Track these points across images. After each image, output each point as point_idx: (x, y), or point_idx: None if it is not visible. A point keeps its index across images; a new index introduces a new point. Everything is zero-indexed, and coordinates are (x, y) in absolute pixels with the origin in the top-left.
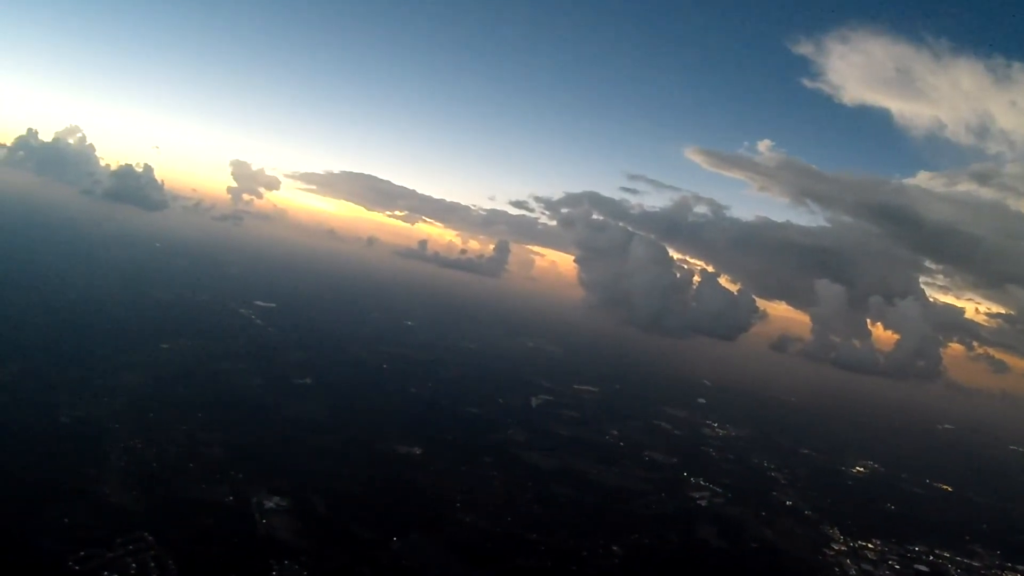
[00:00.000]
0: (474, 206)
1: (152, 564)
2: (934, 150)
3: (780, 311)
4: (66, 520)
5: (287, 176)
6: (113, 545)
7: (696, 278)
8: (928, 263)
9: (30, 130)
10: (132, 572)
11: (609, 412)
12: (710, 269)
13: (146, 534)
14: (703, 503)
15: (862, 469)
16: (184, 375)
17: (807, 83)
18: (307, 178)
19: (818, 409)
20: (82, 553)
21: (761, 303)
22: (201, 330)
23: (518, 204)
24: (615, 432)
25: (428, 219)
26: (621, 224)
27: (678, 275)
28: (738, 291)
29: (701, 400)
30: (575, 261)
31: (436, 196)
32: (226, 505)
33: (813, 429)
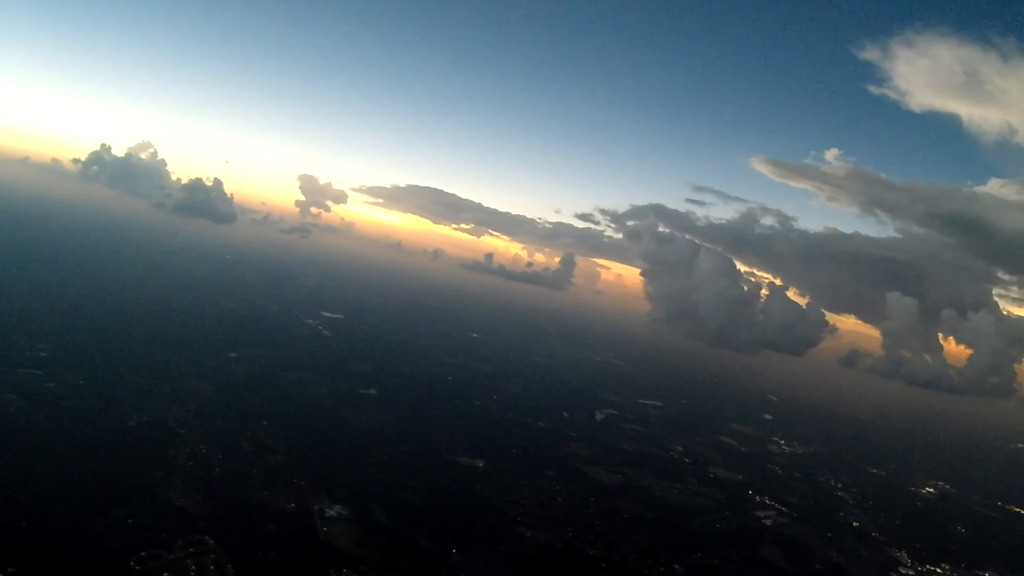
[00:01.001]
0: (540, 219)
1: (212, 567)
2: (1006, 156)
3: (850, 325)
4: (130, 521)
5: (354, 190)
6: (174, 547)
7: (764, 291)
8: (1002, 274)
9: (103, 145)
10: (192, 574)
11: (674, 427)
12: (778, 282)
13: (207, 537)
14: (768, 522)
15: (932, 490)
16: (251, 383)
17: (873, 89)
18: (374, 191)
19: (888, 426)
20: (143, 553)
21: (830, 317)
22: (269, 340)
23: (583, 217)
24: (680, 448)
25: (494, 232)
26: (687, 236)
27: (745, 288)
28: (807, 305)
29: (768, 416)
30: (641, 274)
31: (502, 209)
32: (287, 512)
33: (882, 447)
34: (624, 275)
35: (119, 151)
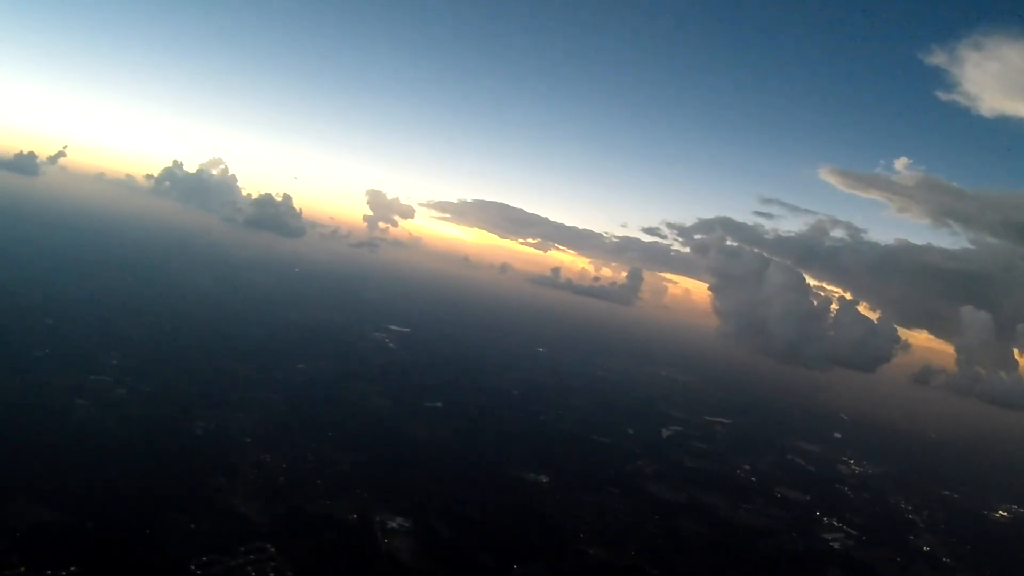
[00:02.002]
0: (606, 233)
1: (271, 575)
2: None
3: (922, 340)
4: (193, 526)
5: (421, 205)
6: (235, 553)
7: (834, 306)
8: None
9: (175, 162)
10: None
11: (741, 445)
12: (848, 296)
13: (268, 545)
14: (835, 545)
15: (1006, 513)
16: (317, 394)
17: (942, 95)
18: (441, 206)
19: (961, 446)
20: (204, 558)
21: (902, 332)
22: (336, 352)
23: (650, 231)
24: (746, 466)
25: (560, 246)
26: (756, 250)
27: (815, 303)
28: (878, 319)
29: (837, 435)
30: (709, 289)
31: (568, 223)
32: (349, 522)
33: (955, 468)
34: (691, 290)
35: (191, 167)
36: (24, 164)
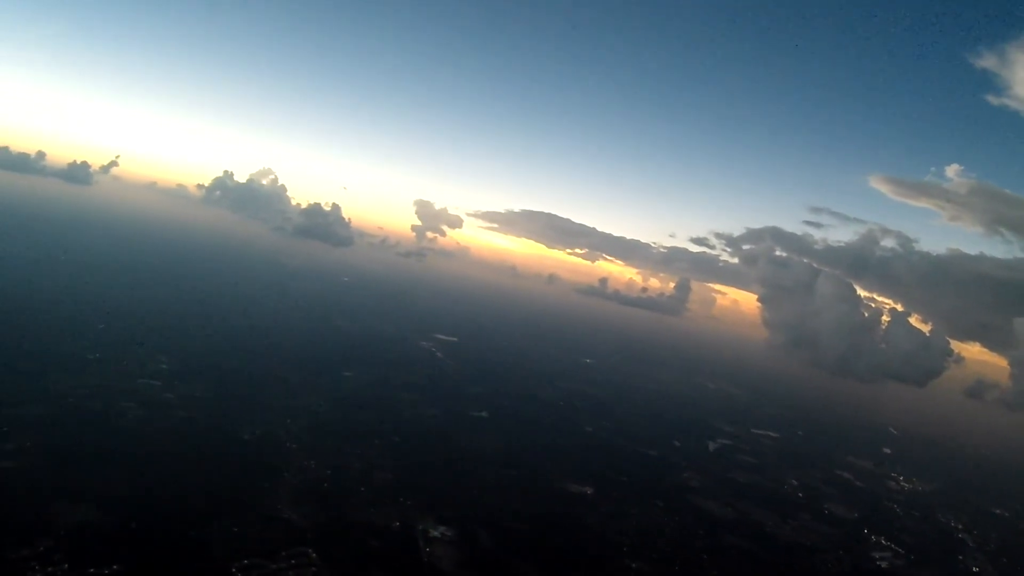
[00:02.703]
0: (654, 243)
1: None
2: None
3: (975, 353)
4: (236, 529)
5: (469, 215)
6: (277, 557)
7: (885, 318)
8: None
9: (226, 172)
10: None
11: (789, 459)
12: (899, 308)
13: (310, 550)
14: (883, 564)
15: None
16: (363, 402)
17: (992, 100)
18: (489, 216)
19: (1015, 463)
20: (246, 561)
21: (955, 345)
22: (383, 360)
23: (698, 241)
24: (794, 481)
25: (608, 257)
26: (805, 260)
27: (866, 314)
28: (930, 331)
29: (887, 450)
30: (758, 300)
31: (616, 234)
32: (392, 530)
33: (1009, 486)
34: (740, 301)
35: (241, 177)
36: (77, 174)
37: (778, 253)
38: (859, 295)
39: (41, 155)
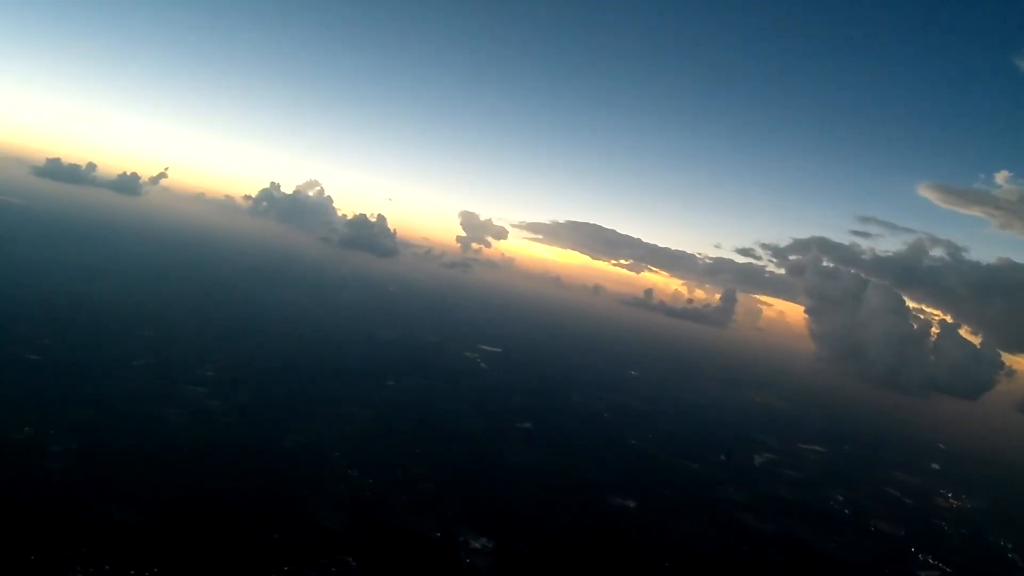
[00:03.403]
0: (699, 254)
1: None
2: None
3: None
4: (276, 536)
5: (514, 226)
6: (316, 564)
7: (934, 329)
8: None
9: (273, 183)
10: None
11: (835, 475)
12: (949, 319)
13: (350, 559)
14: None
15: None
16: (406, 411)
17: None
18: (533, 228)
19: None
20: (286, 568)
21: (1007, 357)
22: (427, 370)
23: (744, 251)
24: (840, 497)
25: (653, 268)
26: (852, 271)
27: (915, 326)
28: (980, 344)
29: (935, 466)
30: (805, 312)
31: (661, 245)
32: (432, 540)
33: None
34: (786, 312)
35: (288, 189)
36: (127, 184)
37: (825, 264)
38: (908, 306)
39: (92, 166)
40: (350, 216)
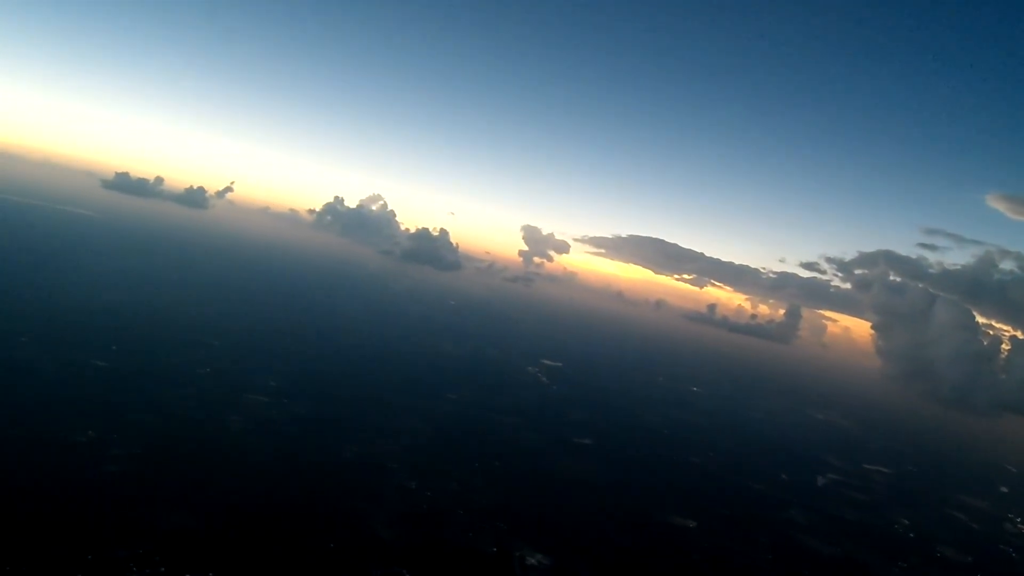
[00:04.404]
0: (763, 269)
1: None
2: None
3: None
4: (331, 545)
5: (576, 240)
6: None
7: (1005, 346)
8: None
9: (336, 197)
10: None
11: (901, 497)
12: (1020, 335)
13: (404, 571)
14: None
15: None
16: (465, 425)
17: None
18: (596, 242)
19: None
20: None
21: None
22: (487, 384)
23: (808, 266)
24: (905, 520)
25: (716, 282)
26: (920, 285)
27: (985, 343)
28: None
29: (1004, 489)
30: (872, 328)
31: (724, 259)
32: (488, 555)
33: None
34: (852, 328)
35: (351, 203)
36: (194, 198)
37: (892, 278)
38: (977, 322)
39: (159, 180)
40: (413, 230)
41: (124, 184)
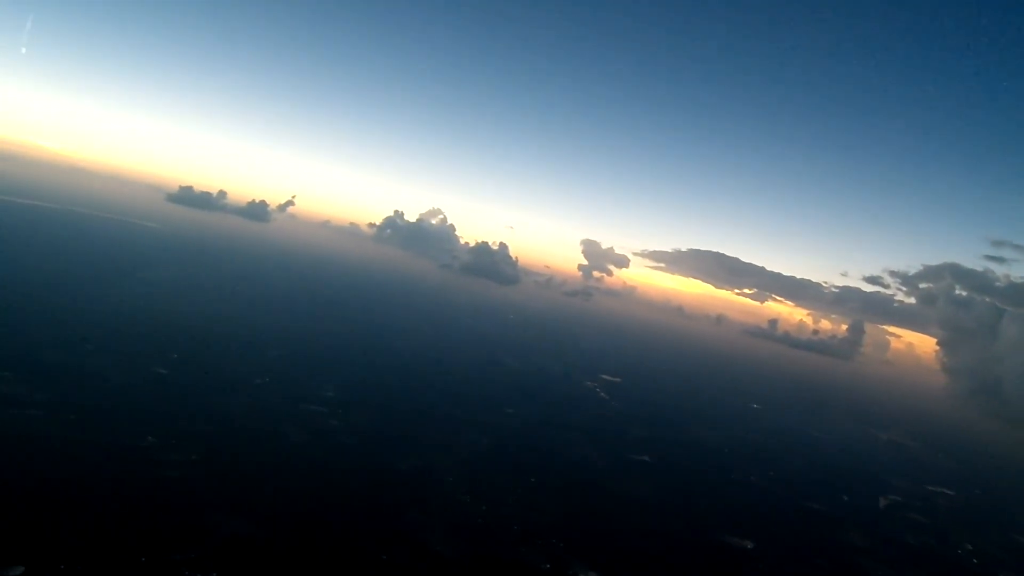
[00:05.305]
0: (825, 283)
1: None
2: None
3: None
4: (384, 557)
5: (636, 254)
6: None
7: None
8: None
9: (396, 211)
10: None
11: (965, 521)
12: None
13: None
14: None
15: None
16: (523, 440)
17: None
18: (655, 256)
19: None
20: None
21: None
22: (546, 399)
23: (872, 279)
24: (969, 546)
25: (777, 297)
26: (987, 299)
27: None
28: None
29: None
30: (937, 344)
31: (785, 273)
32: (541, 572)
33: None
34: (916, 344)
35: (411, 217)
36: (256, 211)
37: (958, 292)
38: None
39: (222, 194)
40: (472, 244)
41: (188, 197)
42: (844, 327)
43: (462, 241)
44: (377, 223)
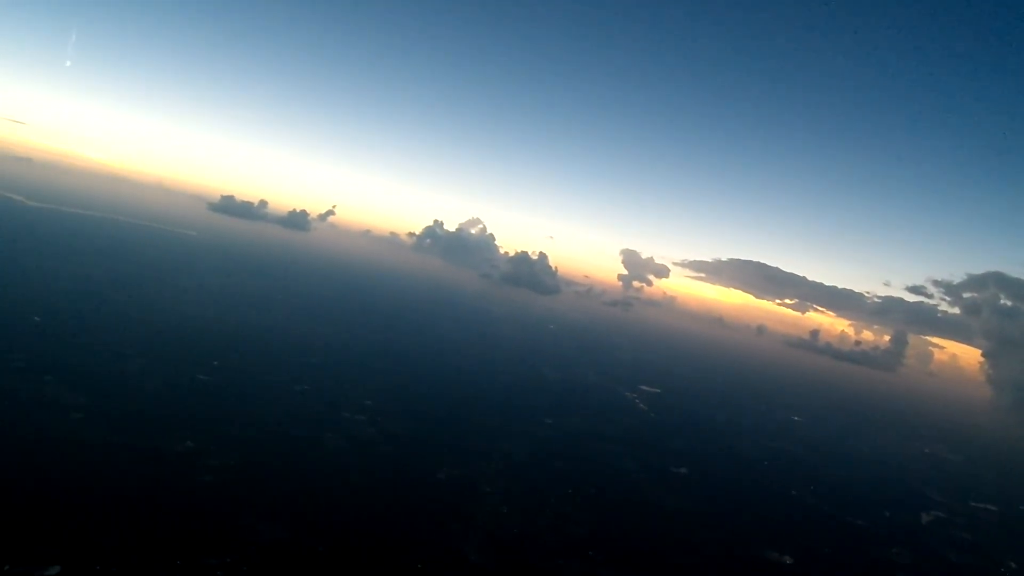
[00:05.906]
0: (867, 293)
1: None
2: None
3: None
4: (420, 566)
5: (676, 264)
6: None
7: None
8: None
9: (436, 221)
10: None
11: (1009, 538)
12: None
13: None
14: None
15: None
16: (562, 451)
17: None
18: (695, 266)
19: None
20: None
21: None
22: (585, 409)
23: (914, 289)
24: (1013, 564)
25: (819, 307)
26: None
27: None
28: None
29: None
30: (982, 355)
31: (827, 283)
32: None
33: None
34: (959, 355)
35: (451, 227)
36: (297, 221)
37: (1003, 301)
38: None
39: (263, 203)
40: (512, 253)
41: (229, 207)
42: (887, 338)
43: (502, 251)
44: (417, 232)
